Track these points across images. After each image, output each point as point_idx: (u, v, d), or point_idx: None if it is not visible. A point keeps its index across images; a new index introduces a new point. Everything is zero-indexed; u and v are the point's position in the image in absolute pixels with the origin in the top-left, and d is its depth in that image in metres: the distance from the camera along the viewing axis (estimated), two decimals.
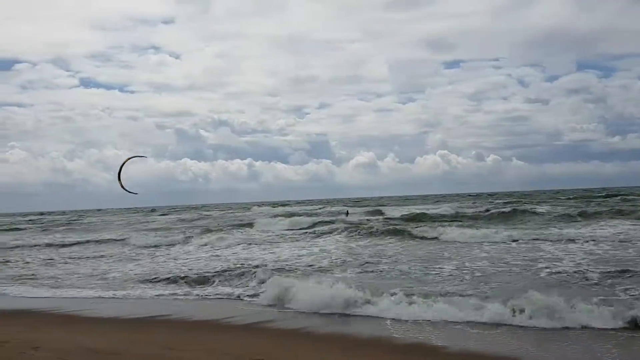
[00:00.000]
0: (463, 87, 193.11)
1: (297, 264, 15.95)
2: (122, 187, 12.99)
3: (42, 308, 11.61)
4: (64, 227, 46.73)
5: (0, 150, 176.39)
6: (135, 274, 15.99)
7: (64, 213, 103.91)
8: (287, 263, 16.26)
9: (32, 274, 17.16)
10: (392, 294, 9.99)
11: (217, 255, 19.38)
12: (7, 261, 20.67)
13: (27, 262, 19.84)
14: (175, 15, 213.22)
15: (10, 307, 12.00)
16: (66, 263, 19.93)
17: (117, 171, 12.99)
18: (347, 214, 42.27)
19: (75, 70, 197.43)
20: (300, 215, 41.59)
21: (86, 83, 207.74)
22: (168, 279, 14.56)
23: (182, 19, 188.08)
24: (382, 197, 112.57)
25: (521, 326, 8.35)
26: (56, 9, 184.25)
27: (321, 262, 16.26)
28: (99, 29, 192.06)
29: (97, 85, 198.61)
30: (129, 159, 13.35)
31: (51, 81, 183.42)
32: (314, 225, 31.35)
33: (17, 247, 28.32)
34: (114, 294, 13.06)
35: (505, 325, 8.43)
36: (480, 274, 12.73)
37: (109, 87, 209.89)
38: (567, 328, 8.15)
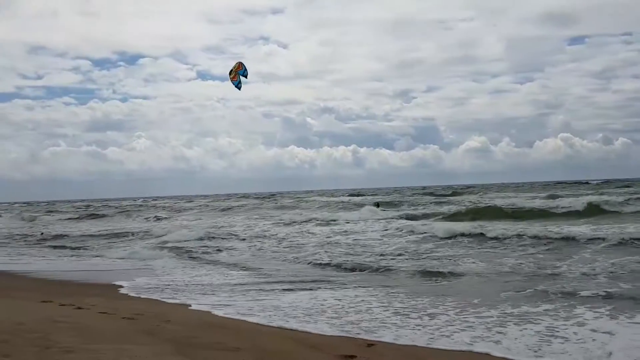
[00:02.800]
0: (588, 64, 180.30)
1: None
2: (232, 80, 14.81)
3: (177, 285, 12.58)
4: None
5: (129, 140, 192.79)
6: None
7: (182, 198, 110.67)
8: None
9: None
10: None
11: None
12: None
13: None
14: (284, 6, 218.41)
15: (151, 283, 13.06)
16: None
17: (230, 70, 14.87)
18: (377, 205, 37.31)
19: (192, 64, 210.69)
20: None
21: (202, 75, 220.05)
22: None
23: (291, 9, 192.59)
24: (492, 184, 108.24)
25: None
26: (173, 4, 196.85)
27: None
28: (212, 23, 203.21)
29: (212, 77, 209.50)
30: (239, 65, 14.96)
31: (171, 74, 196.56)
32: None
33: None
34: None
35: None
36: None
37: (223, 78, 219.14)
38: None
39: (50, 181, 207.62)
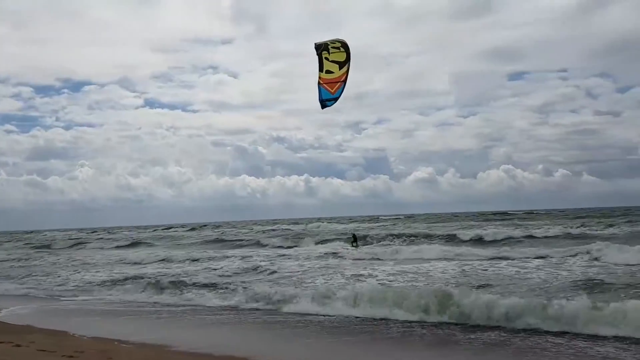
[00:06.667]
0: (528, 99, 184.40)
1: None
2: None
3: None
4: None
5: (71, 169, 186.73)
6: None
7: (117, 229, 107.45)
8: None
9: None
10: None
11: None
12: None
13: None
14: (233, 36, 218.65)
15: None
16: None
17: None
18: (355, 240, 32.15)
19: (140, 91, 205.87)
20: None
21: (151, 103, 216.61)
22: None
23: (240, 40, 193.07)
24: (440, 214, 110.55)
25: None
26: (121, 33, 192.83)
27: None
28: (161, 51, 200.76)
29: (162, 105, 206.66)
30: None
31: (118, 102, 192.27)
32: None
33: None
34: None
35: None
36: None
37: (172, 107, 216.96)
38: None
39: None
